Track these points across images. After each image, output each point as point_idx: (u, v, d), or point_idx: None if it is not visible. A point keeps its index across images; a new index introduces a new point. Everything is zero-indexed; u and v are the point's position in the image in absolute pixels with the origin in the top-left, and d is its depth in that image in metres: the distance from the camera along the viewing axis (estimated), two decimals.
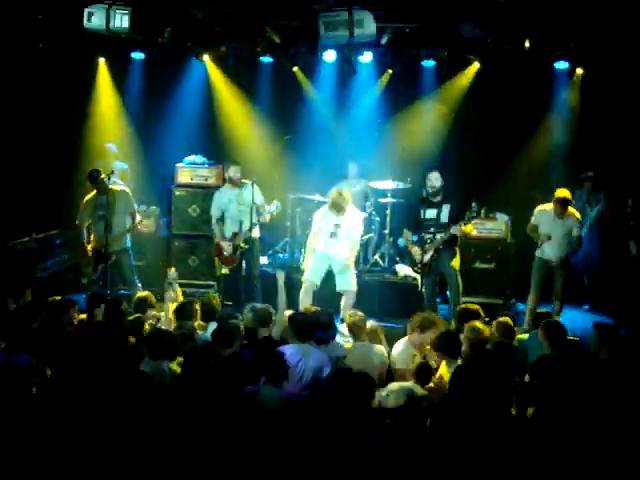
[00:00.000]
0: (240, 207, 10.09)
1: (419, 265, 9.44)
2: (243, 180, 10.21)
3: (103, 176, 9.71)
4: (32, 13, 10.33)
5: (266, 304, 7.87)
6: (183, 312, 7.46)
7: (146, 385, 5.24)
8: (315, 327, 7.01)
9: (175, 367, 6.20)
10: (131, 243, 10.28)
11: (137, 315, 7.35)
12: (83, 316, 7.59)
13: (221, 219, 10.31)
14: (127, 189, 10.23)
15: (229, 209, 10.21)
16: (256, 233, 10.18)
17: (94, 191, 9.92)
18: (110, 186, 9.82)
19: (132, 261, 10.09)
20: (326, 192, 11.75)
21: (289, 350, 6.51)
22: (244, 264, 10.20)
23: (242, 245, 10.01)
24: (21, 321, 6.80)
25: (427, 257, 9.37)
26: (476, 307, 7.63)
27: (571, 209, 9.68)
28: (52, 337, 6.37)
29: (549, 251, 9.71)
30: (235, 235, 10.08)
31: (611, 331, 6.85)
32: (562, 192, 9.61)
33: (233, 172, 10.19)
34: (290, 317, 7.24)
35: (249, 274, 10.11)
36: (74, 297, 8.66)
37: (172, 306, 7.87)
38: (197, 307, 7.56)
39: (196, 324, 7.45)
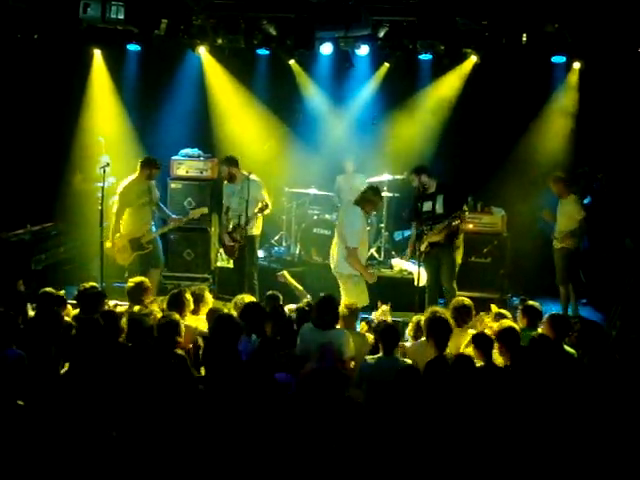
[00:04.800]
0: (241, 201, 9.97)
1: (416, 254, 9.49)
2: (245, 173, 10.10)
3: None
4: (27, 4, 10.27)
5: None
6: (174, 302, 7.44)
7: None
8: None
9: None
10: None
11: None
12: (75, 312, 7.56)
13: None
14: None
15: (231, 202, 10.17)
16: (253, 230, 10.11)
17: (134, 177, 10.10)
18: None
19: None
20: (322, 185, 11.78)
21: None
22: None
23: (239, 239, 9.97)
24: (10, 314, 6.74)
25: (423, 247, 9.41)
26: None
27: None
28: (45, 330, 6.32)
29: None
30: (235, 228, 10.03)
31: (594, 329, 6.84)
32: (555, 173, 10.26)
33: (232, 170, 10.14)
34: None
35: (243, 269, 10.06)
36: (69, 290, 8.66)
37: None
38: (188, 297, 7.53)
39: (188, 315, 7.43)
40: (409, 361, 6.54)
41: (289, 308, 7.86)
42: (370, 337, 7.26)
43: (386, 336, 6.56)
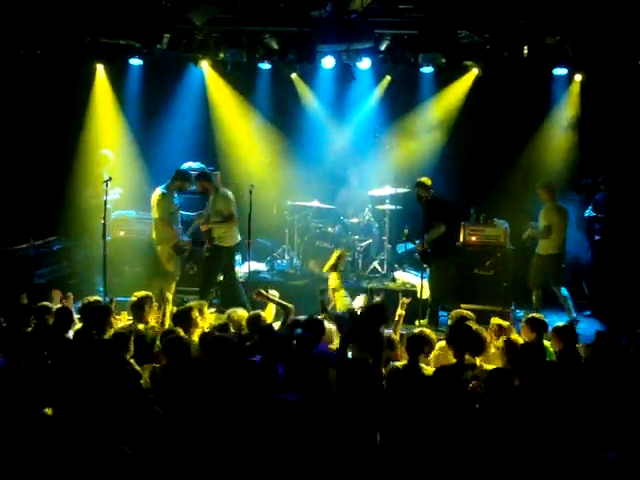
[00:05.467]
0: (209, 212, 10.32)
1: None
2: (218, 187, 10.30)
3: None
4: (30, 19, 10.31)
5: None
6: (180, 318, 7.41)
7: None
8: None
9: None
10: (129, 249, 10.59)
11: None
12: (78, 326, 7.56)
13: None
14: None
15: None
16: (218, 241, 10.24)
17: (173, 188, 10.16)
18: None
19: None
20: (324, 198, 11.79)
21: None
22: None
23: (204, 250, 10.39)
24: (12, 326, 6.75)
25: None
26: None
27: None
28: (44, 342, 6.31)
29: None
30: None
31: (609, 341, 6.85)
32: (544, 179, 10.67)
33: (204, 184, 10.36)
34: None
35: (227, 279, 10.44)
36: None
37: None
38: (195, 314, 7.49)
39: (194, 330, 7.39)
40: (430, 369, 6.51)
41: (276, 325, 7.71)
42: None
43: (414, 343, 6.55)
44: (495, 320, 7.55)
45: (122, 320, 8.08)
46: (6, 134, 11.90)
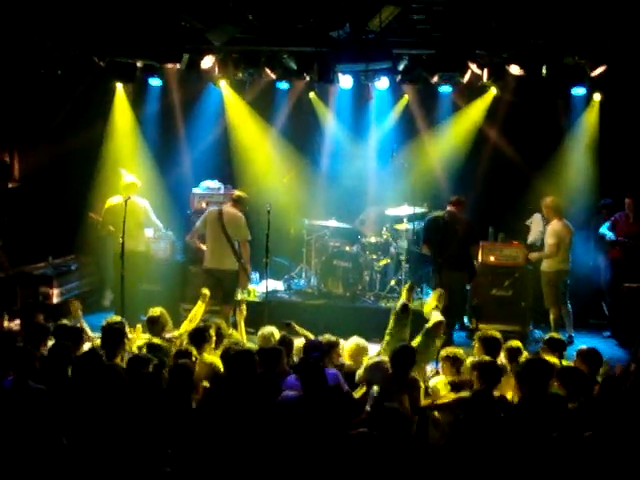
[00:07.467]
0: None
1: None
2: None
3: None
4: (51, 39, 10.40)
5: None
6: (197, 337, 7.38)
7: None
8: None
9: None
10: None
11: None
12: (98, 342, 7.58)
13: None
14: None
15: None
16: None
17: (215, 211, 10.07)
18: None
19: None
20: (342, 217, 11.75)
21: None
22: None
23: None
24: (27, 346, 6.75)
25: None
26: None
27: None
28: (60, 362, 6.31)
29: None
30: None
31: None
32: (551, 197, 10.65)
33: None
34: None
35: None
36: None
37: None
38: (212, 333, 7.47)
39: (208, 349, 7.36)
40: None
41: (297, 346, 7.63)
42: None
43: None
44: (515, 343, 7.43)
45: (137, 335, 8.06)
46: (26, 152, 11.99)
